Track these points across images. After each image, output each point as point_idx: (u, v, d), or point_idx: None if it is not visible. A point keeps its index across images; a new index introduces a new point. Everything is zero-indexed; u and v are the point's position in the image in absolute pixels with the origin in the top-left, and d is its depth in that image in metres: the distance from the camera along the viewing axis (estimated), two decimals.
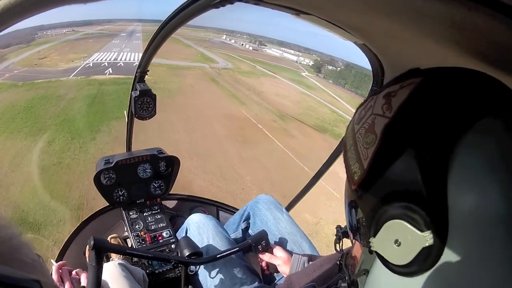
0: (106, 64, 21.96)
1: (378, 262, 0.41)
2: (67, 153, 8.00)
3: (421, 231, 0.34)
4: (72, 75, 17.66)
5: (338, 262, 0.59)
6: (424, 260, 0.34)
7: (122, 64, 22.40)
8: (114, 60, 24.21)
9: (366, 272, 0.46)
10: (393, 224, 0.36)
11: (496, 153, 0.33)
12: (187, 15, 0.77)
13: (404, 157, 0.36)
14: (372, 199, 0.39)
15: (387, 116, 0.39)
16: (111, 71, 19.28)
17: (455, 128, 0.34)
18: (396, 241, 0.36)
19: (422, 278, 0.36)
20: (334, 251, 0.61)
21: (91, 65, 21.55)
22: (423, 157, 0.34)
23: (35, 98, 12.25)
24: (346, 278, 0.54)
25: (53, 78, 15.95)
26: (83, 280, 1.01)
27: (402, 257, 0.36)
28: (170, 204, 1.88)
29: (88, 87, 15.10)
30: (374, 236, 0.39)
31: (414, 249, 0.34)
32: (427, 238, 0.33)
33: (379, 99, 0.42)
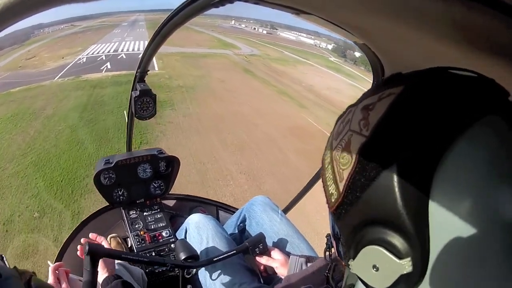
0: (104, 58, 17.28)
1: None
2: (31, 260, 3.50)
3: (399, 258, 0.32)
4: (58, 76, 13.02)
5: (325, 274, 0.58)
6: (404, 284, 0.33)
7: (124, 56, 17.75)
8: (114, 52, 19.39)
9: (352, 287, 0.45)
10: (370, 250, 0.35)
11: (485, 166, 0.31)
12: (187, 14, 0.77)
13: (381, 181, 0.33)
14: (349, 222, 0.38)
15: (364, 135, 0.36)
16: (109, 66, 14.91)
17: (437, 145, 0.31)
18: (374, 266, 0.35)
19: None
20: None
21: (84, 60, 16.72)
22: (401, 179, 0.32)
23: (3, 119, 7.89)
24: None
25: (33, 84, 11.61)
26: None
27: (381, 282, 0.35)
28: (170, 203, 1.88)
29: (76, 94, 10.31)
30: (353, 259, 0.38)
31: (393, 275, 0.33)
32: (405, 265, 0.32)
33: (357, 112, 0.39)
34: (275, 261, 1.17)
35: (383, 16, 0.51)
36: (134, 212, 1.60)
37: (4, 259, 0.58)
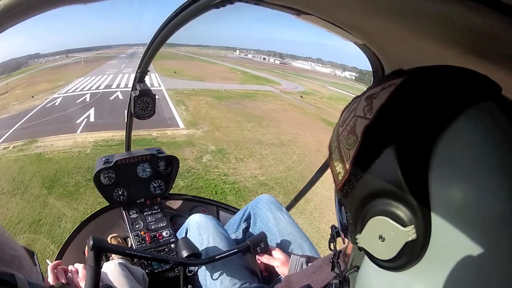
0: (88, 98, 11.34)
1: (367, 258, 0.42)
2: None
3: (404, 226, 0.35)
4: (3, 139, 7.53)
5: (330, 260, 0.60)
6: (408, 254, 0.36)
7: (120, 96, 11.76)
8: (105, 88, 13.60)
9: (357, 268, 0.47)
10: (376, 221, 0.37)
11: (477, 146, 0.33)
12: (187, 15, 0.77)
13: (383, 156, 0.36)
14: (356, 197, 0.40)
15: (368, 118, 0.39)
16: (91, 118, 8.60)
17: (434, 126, 0.34)
18: (380, 237, 0.37)
19: (409, 272, 0.37)
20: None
21: (58, 102, 11.00)
22: (402, 155, 0.35)
23: None
24: (339, 275, 0.55)
25: None
26: (81, 273, 1.01)
27: (387, 252, 0.37)
28: (170, 203, 1.88)
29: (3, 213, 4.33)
30: (360, 232, 0.40)
31: (398, 244, 0.36)
32: (409, 233, 0.34)
33: (361, 101, 0.43)
34: (276, 260, 1.17)
35: (384, 17, 0.51)
36: (134, 212, 1.60)
37: (35, 257, 0.57)
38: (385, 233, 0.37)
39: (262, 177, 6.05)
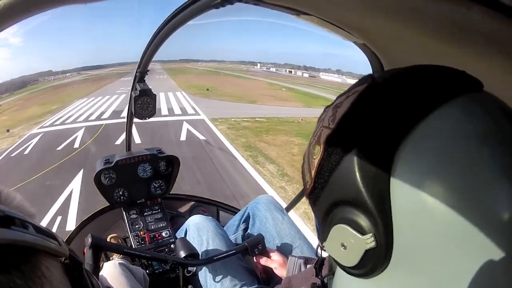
0: (78, 142, 7.07)
1: None
2: None
3: (362, 234, 0.35)
4: None
5: (313, 266, 0.60)
6: (372, 262, 0.35)
7: (138, 140, 6.53)
8: (110, 116, 9.79)
9: (334, 273, 0.48)
10: (338, 229, 0.38)
11: (439, 152, 0.32)
12: (187, 15, 0.78)
13: (343, 164, 0.37)
14: (321, 206, 0.41)
15: (330, 127, 0.40)
16: (73, 211, 3.76)
17: (395, 132, 0.34)
18: (342, 245, 0.38)
19: (379, 279, 0.37)
20: None
21: (29, 148, 7.01)
22: (361, 163, 0.35)
23: None
24: (320, 280, 0.56)
25: None
26: None
27: (350, 259, 0.38)
28: (171, 203, 1.88)
29: None
30: (325, 240, 0.41)
31: (359, 251, 0.36)
32: (367, 241, 0.34)
33: (329, 111, 0.43)
34: (274, 262, 1.17)
35: (383, 17, 0.51)
36: (134, 212, 1.60)
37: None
38: (346, 241, 0.37)
39: None
